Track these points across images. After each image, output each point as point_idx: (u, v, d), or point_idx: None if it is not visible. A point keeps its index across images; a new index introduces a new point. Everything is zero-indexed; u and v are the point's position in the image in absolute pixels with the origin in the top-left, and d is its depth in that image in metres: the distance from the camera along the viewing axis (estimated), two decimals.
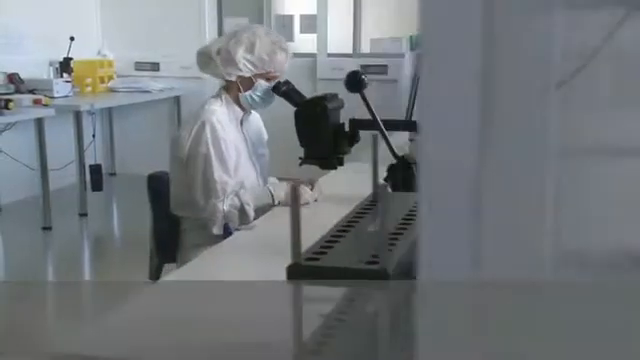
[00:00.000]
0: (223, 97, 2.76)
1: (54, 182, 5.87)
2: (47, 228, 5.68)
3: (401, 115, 6.32)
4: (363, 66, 6.91)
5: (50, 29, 6.68)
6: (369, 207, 1.15)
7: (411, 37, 6.51)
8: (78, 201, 6.03)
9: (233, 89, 2.75)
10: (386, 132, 1.74)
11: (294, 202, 0.88)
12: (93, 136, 6.16)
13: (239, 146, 2.74)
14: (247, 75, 2.70)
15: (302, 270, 0.87)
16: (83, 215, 6.06)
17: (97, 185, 6.01)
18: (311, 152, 2.57)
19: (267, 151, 2.93)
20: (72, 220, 6.02)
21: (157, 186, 2.86)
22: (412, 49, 6.50)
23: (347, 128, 2.44)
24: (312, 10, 7.62)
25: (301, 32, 7.67)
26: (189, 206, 2.69)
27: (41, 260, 5.35)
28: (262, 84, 2.72)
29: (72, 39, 6.56)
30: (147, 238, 2.98)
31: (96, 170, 6.02)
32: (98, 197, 6.22)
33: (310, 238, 2.28)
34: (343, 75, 2.85)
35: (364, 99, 1.84)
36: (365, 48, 7.61)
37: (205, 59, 2.73)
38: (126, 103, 6.94)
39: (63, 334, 3.21)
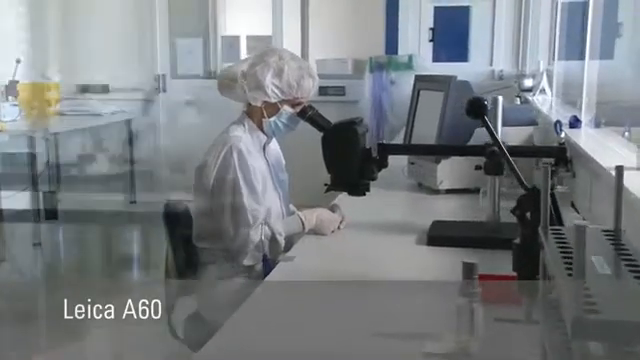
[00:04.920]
0: (246, 123, 2.65)
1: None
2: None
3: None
4: (322, 87, 6.87)
5: None
6: (564, 246, 1.07)
7: (371, 59, 6.52)
8: (31, 231, 5.73)
9: (256, 115, 2.65)
10: (512, 160, 1.67)
11: (579, 246, 0.80)
12: (47, 162, 5.88)
13: (264, 173, 2.63)
14: (273, 101, 2.60)
15: (589, 326, 0.79)
16: (37, 245, 5.75)
17: (51, 213, 5.74)
18: (339, 178, 2.49)
19: (286, 176, 2.83)
20: (26, 251, 5.70)
21: (174, 215, 2.71)
22: (371, 71, 6.51)
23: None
24: (258, 31, 7.55)
25: (248, 53, 7.56)
26: (215, 236, 2.56)
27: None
28: (287, 110, 2.62)
29: (18, 61, 6.29)
30: (103, 267, 2.83)
31: (50, 198, 5.75)
32: (51, 226, 5.93)
33: (347, 267, 2.19)
34: None
35: (486, 124, 1.77)
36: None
37: (228, 82, 2.62)
38: (79, 127, 6.66)
39: None
